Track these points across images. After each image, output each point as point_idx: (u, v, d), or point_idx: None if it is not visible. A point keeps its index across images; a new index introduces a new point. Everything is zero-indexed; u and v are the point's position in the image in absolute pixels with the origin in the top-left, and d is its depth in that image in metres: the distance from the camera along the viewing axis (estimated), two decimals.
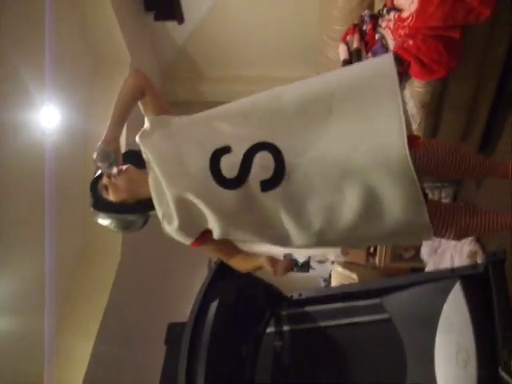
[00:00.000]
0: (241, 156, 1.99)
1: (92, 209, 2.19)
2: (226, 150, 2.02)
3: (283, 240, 2.11)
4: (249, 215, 2.04)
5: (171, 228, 2.09)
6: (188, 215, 2.05)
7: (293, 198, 1.99)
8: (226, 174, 1.99)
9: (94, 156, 1.98)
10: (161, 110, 2.17)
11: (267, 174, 1.97)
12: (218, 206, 2.01)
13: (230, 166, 1.99)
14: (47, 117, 3.94)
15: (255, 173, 1.98)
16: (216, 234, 2.08)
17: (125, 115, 2.13)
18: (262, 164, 1.98)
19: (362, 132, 1.93)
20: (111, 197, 2.14)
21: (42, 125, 3.92)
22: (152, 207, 2.12)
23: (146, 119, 2.17)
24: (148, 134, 2.12)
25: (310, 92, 2.07)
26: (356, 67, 2.39)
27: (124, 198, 2.14)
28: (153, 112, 2.16)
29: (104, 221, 2.22)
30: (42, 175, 3.91)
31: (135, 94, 2.14)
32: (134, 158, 2.17)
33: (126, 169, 2.14)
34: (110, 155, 1.99)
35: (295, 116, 2.03)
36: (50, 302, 4.11)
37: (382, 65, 2.06)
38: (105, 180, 2.13)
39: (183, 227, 2.08)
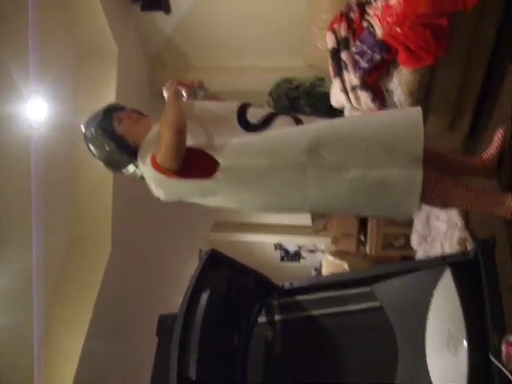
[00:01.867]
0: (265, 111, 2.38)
1: (95, 130, 2.34)
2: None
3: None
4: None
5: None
6: None
7: None
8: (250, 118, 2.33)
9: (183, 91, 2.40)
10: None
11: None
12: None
13: (254, 113, 2.35)
14: (34, 109, 3.91)
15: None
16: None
17: None
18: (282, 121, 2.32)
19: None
20: (120, 130, 2.33)
21: (28, 118, 3.88)
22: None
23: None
24: None
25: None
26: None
27: (130, 138, 2.33)
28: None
29: (97, 148, 2.36)
30: (28, 169, 3.88)
31: None
32: None
33: (148, 119, 2.41)
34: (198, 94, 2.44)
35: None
36: (39, 297, 4.09)
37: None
38: (125, 115, 2.37)
39: None
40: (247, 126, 2.32)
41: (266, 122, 2.32)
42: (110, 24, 4.56)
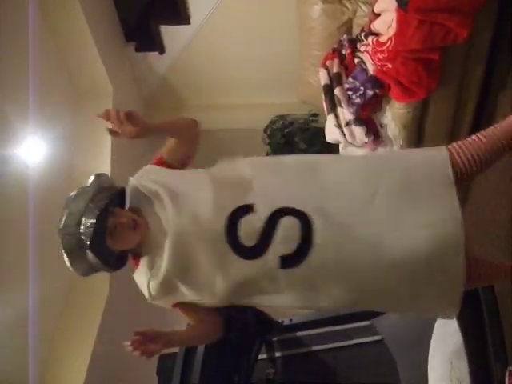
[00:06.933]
0: (263, 220, 1.75)
1: (83, 246, 1.83)
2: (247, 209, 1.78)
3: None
4: (257, 286, 1.84)
5: (155, 282, 1.89)
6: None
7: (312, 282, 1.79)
8: (244, 241, 1.76)
9: None
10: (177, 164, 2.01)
11: (290, 247, 1.75)
12: (227, 271, 1.80)
13: (249, 230, 1.76)
14: (31, 150, 3.92)
15: (276, 244, 1.74)
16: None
17: (165, 127, 2.08)
18: (286, 235, 1.74)
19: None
20: (114, 240, 1.86)
21: (25, 158, 3.89)
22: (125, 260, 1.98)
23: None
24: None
25: (357, 168, 1.90)
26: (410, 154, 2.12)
27: (121, 249, 1.91)
28: (171, 158, 2.00)
29: (75, 259, 1.89)
30: (25, 210, 3.87)
31: (184, 129, 2.05)
32: (120, 198, 1.94)
33: (140, 220, 1.88)
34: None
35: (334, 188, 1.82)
36: (34, 345, 4.03)
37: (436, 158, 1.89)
38: (117, 221, 1.84)
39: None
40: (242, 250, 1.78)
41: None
42: (105, 65, 4.61)
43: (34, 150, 3.94)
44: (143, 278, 1.92)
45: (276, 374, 2.83)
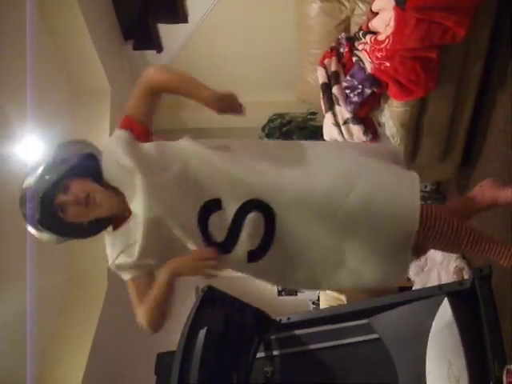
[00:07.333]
0: (231, 216, 1.86)
1: (34, 225, 1.91)
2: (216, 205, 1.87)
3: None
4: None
5: (129, 260, 1.93)
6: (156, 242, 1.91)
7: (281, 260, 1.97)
8: (215, 237, 1.89)
9: None
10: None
11: (255, 243, 1.90)
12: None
13: (218, 227, 1.87)
14: (30, 149, 3.92)
15: (243, 241, 1.89)
16: None
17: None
18: (252, 232, 1.87)
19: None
20: (67, 217, 1.88)
21: (23, 157, 3.89)
22: (100, 228, 1.98)
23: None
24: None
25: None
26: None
27: (84, 220, 1.91)
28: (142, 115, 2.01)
29: (42, 236, 1.97)
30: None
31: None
32: (92, 168, 1.95)
33: (96, 190, 1.89)
34: None
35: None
36: (32, 342, 4.03)
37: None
38: (64, 199, 1.85)
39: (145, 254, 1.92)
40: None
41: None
42: (103, 63, 4.62)
43: (32, 149, 3.94)
44: (116, 247, 1.95)
45: (274, 373, 2.83)
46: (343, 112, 3.50)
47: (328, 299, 6.88)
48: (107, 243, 2.00)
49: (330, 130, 3.68)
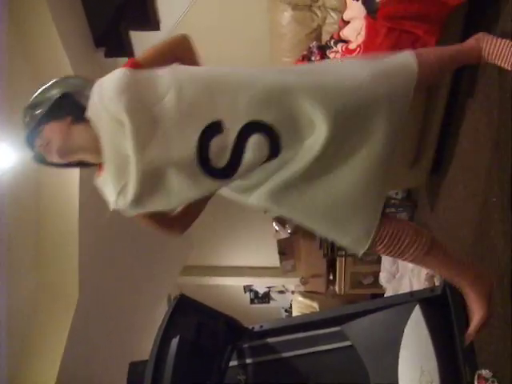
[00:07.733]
0: (233, 140, 1.78)
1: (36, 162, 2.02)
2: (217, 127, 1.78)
3: None
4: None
5: (124, 199, 1.87)
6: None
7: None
8: (215, 164, 1.79)
9: None
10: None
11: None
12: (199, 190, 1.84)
13: (219, 153, 1.78)
14: (0, 157, 3.87)
15: (245, 164, 1.80)
16: None
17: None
18: (255, 155, 1.79)
19: None
20: (48, 159, 1.97)
21: None
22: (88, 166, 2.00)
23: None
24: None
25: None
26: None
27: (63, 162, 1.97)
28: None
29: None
30: None
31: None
32: (72, 106, 1.99)
33: (58, 138, 1.92)
34: None
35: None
36: (2, 350, 3.97)
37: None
38: (39, 145, 1.94)
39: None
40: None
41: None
42: (75, 71, 4.56)
43: (2, 157, 3.90)
44: (111, 188, 1.90)
45: (247, 381, 2.82)
46: None
47: (300, 306, 6.90)
48: (104, 190, 1.96)
49: None
